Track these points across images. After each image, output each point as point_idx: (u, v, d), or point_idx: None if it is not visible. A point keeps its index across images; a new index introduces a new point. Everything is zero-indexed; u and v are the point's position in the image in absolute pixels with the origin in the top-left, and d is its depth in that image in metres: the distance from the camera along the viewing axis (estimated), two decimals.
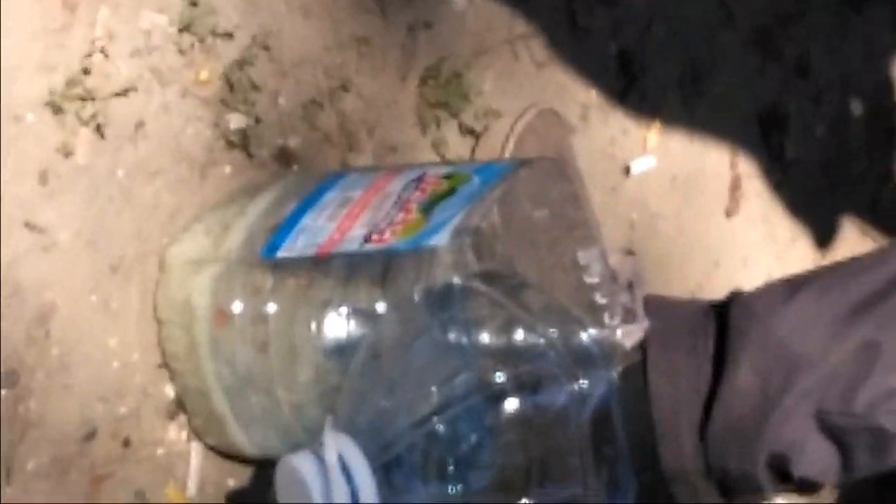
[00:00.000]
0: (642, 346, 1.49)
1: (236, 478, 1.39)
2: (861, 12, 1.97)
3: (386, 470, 1.19)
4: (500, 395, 1.21)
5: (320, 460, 1.16)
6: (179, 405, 1.35)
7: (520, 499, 1.22)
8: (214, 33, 1.36)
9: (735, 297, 1.50)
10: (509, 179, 1.33)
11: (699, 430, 1.47)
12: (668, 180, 1.76)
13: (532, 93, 1.61)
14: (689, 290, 1.79)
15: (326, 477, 1.16)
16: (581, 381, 1.25)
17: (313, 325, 1.29)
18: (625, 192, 1.72)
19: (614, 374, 1.29)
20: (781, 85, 1.88)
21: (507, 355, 1.24)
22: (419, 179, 1.32)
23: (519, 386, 1.22)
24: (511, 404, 1.21)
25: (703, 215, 1.80)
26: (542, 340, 1.24)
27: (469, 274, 1.26)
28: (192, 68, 1.36)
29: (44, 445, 1.27)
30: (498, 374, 1.21)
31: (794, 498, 1.78)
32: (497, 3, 1.59)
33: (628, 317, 1.38)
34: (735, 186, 1.83)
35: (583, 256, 1.36)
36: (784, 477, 1.47)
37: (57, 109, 1.27)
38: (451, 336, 1.23)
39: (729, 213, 1.82)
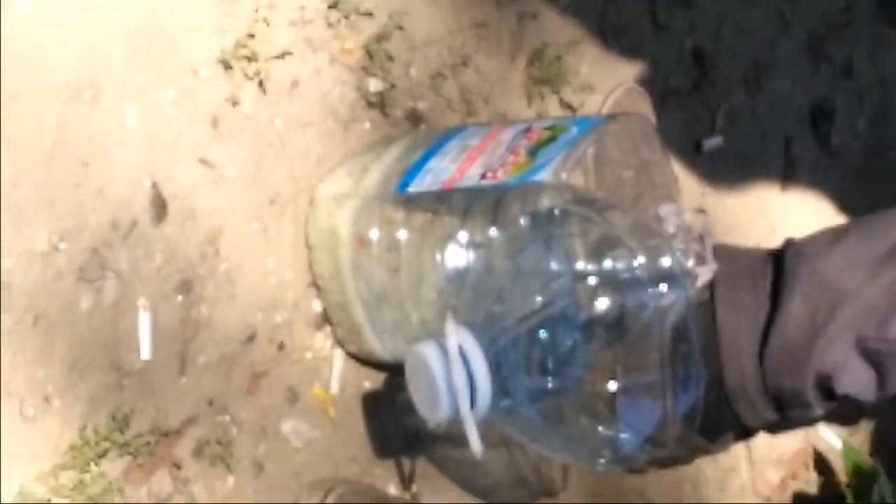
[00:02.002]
0: (711, 286, 1.48)
1: (372, 381, 1.39)
2: None
3: (496, 361, 1.17)
4: (592, 295, 1.19)
5: (443, 348, 1.15)
6: (325, 318, 1.35)
7: (604, 383, 1.20)
8: (357, 12, 1.35)
9: (789, 243, 1.50)
10: (601, 129, 1.31)
11: (758, 355, 1.47)
12: (734, 157, 1.74)
13: (620, 77, 1.60)
14: None
15: (447, 362, 1.14)
16: (663, 293, 1.22)
17: (438, 255, 1.28)
18: (697, 166, 1.70)
19: (691, 290, 1.27)
20: (830, 84, 1.86)
21: (599, 265, 1.21)
22: (526, 130, 1.30)
23: (609, 289, 1.20)
24: (602, 303, 1.19)
25: (763, 189, 1.78)
26: (628, 252, 1.21)
27: (566, 201, 1.24)
28: (338, 39, 1.36)
29: (211, 345, 1.28)
30: (591, 277, 1.20)
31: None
32: (592, 1, 1.59)
33: (699, 262, 1.37)
34: (789, 166, 1.80)
35: (662, 210, 1.34)
36: (828, 395, 1.47)
37: (227, 66, 1.28)
38: (551, 250, 1.22)
39: (784, 189, 1.80)
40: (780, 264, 1.46)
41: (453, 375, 1.13)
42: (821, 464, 1.77)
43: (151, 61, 1.23)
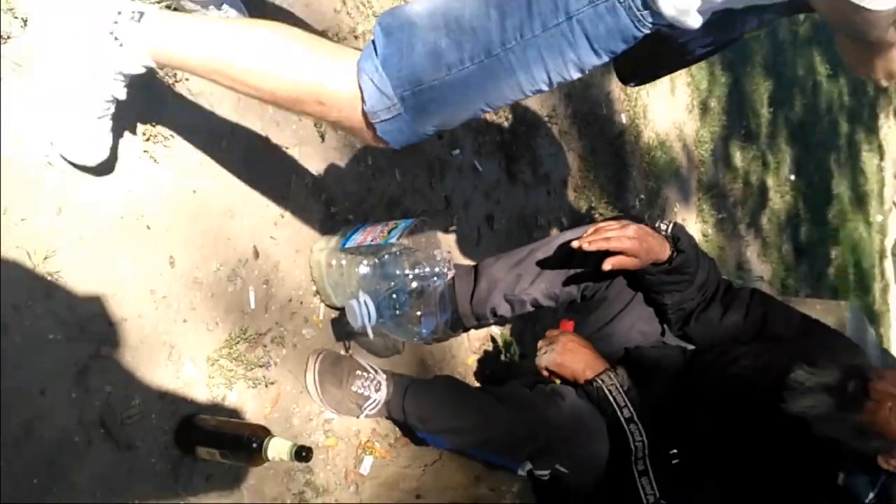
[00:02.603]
0: (453, 279, 1.42)
1: (334, 314, 1.31)
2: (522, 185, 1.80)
3: (378, 306, 1.16)
4: (412, 282, 1.19)
5: (359, 301, 1.14)
6: (317, 292, 1.28)
7: (417, 312, 1.19)
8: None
9: (480, 262, 1.44)
10: (414, 224, 1.27)
11: (470, 302, 1.41)
12: (459, 240, 1.63)
13: (422, 208, 1.51)
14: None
15: (360, 306, 1.13)
16: (436, 281, 1.21)
17: (356, 269, 1.23)
18: (445, 243, 1.58)
19: (447, 280, 1.25)
20: (499, 199, 1.71)
21: (413, 270, 1.20)
22: (385, 224, 1.26)
23: (416, 279, 1.19)
24: (414, 284, 1.19)
25: (470, 245, 1.65)
26: (423, 266, 1.21)
27: (401, 249, 1.22)
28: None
29: (275, 303, 1.22)
30: (409, 275, 1.19)
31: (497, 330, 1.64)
32: (421, 179, 1.47)
33: (449, 269, 1.29)
34: (479, 236, 1.68)
35: (435, 252, 1.27)
36: (496, 316, 1.42)
37: (282, 217, 1.22)
38: (396, 265, 1.20)
39: (477, 245, 1.66)
40: (476, 270, 1.39)
41: (362, 311, 1.14)
42: (493, 340, 1.63)
43: (263, 203, 1.18)
